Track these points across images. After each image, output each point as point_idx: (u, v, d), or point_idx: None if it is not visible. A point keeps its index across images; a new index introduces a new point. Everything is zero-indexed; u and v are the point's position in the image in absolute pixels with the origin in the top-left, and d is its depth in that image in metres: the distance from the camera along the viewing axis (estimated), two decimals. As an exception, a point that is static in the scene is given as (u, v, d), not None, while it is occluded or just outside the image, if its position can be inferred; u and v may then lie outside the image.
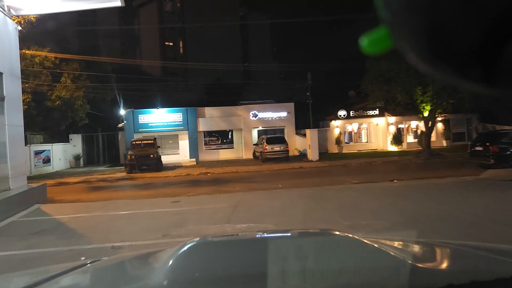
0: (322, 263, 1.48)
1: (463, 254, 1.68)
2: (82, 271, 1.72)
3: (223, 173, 20.73)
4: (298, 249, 1.71)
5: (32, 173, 23.20)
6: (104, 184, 18.39)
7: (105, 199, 13.38)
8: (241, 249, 1.79)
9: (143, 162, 21.88)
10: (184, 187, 15.98)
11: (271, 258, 1.47)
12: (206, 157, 29.39)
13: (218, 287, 1.30)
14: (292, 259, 1.53)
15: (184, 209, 9.40)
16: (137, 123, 27.52)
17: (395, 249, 1.69)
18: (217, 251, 1.77)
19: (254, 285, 1.28)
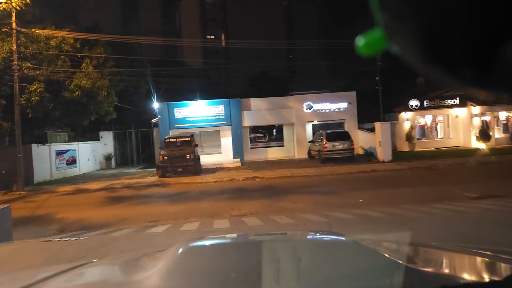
0: (316, 265, 1.47)
1: (458, 257, 1.67)
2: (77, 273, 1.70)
3: (276, 179, 16.49)
4: (293, 251, 1.70)
5: (53, 177, 20.04)
6: (128, 193, 14.66)
7: (117, 219, 9.64)
8: (236, 251, 1.75)
9: (178, 163, 18.06)
10: (226, 200, 11.88)
11: (266, 260, 1.46)
12: (252, 156, 25.28)
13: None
14: (287, 261, 1.52)
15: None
16: (172, 118, 23.85)
17: (390, 251, 1.67)
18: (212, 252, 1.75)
19: (249, 286, 1.26)
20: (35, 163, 18.68)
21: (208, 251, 1.79)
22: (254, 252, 1.67)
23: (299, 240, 2.00)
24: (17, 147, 16.33)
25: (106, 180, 18.97)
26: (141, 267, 1.70)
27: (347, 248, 1.66)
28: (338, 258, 1.55)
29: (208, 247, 1.88)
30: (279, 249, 1.74)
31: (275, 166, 20.37)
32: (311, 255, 1.62)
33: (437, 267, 1.58)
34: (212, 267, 1.47)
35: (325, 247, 1.75)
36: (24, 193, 15.87)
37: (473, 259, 1.61)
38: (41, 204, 13.12)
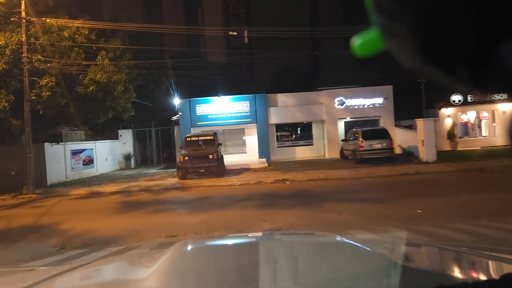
0: (313, 265, 1.47)
1: (455, 256, 1.66)
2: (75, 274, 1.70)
3: (308, 182, 14.75)
4: (289, 251, 1.71)
5: (68, 178, 18.83)
6: (144, 198, 13.18)
7: (129, 231, 8.19)
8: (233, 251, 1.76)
9: (200, 164, 16.52)
10: (255, 208, 10.22)
11: (263, 260, 1.47)
12: (278, 156, 23.58)
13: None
14: (284, 261, 1.52)
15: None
16: (194, 115, 22.36)
17: (386, 250, 1.66)
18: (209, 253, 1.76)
19: (246, 286, 1.25)
20: (49, 163, 17.48)
21: (206, 251, 1.79)
22: (251, 253, 1.66)
23: (296, 241, 1.98)
24: (27, 146, 15.11)
25: (123, 181, 17.61)
26: (139, 267, 1.70)
27: (344, 248, 1.67)
28: (335, 258, 1.56)
29: (205, 247, 1.88)
30: (276, 249, 1.73)
31: (305, 167, 18.61)
32: (308, 255, 1.60)
33: (434, 266, 1.54)
34: (209, 267, 1.46)
35: (321, 248, 1.74)
36: (34, 196, 14.62)
37: (471, 258, 1.57)
38: (48, 210, 11.78)
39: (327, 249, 1.72)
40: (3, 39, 14.69)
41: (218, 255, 1.71)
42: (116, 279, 1.64)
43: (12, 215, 11.42)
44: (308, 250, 1.71)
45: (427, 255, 1.73)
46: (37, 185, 16.51)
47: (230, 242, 2.18)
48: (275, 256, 1.60)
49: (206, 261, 1.56)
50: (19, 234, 8.68)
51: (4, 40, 14.70)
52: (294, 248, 1.78)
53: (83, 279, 1.69)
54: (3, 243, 7.89)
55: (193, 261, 1.59)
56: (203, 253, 1.77)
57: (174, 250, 1.65)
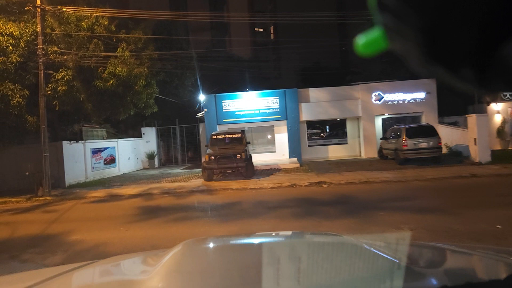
0: (316, 265, 1.46)
1: (458, 256, 1.64)
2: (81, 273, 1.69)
3: (348, 185, 13.13)
4: (292, 251, 1.69)
5: (88, 178, 17.80)
6: (166, 202, 11.87)
7: (145, 245, 6.93)
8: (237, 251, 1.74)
9: (227, 165, 15.12)
10: (292, 218, 8.72)
11: (266, 260, 1.46)
12: (309, 156, 21.99)
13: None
14: (287, 261, 1.51)
15: None
16: (220, 111, 21.01)
17: (390, 251, 1.63)
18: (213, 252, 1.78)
19: (249, 286, 1.24)
20: (67, 163, 16.46)
21: (209, 251, 1.79)
22: (254, 253, 1.66)
23: (299, 241, 1.95)
24: (42, 144, 14.07)
25: (144, 182, 16.42)
26: (142, 267, 1.70)
27: (347, 248, 1.64)
28: (338, 258, 1.54)
29: (209, 247, 1.86)
30: (279, 249, 1.71)
31: (341, 168, 16.95)
32: (311, 255, 1.59)
33: (437, 267, 1.51)
34: (213, 267, 1.46)
35: (325, 248, 1.72)
36: (50, 199, 13.57)
37: (474, 258, 1.55)
38: (60, 216, 10.62)
39: (330, 250, 1.70)
40: (18, 30, 13.68)
41: (222, 255, 1.69)
42: (120, 279, 1.63)
43: (20, 221, 10.31)
44: (312, 250, 1.70)
45: (431, 255, 1.68)
46: (54, 186, 15.53)
47: (234, 242, 2.10)
48: (278, 256, 1.58)
49: (210, 261, 1.56)
50: (19, 247, 7.48)
51: (19, 31, 13.69)
52: (297, 248, 1.75)
53: (87, 278, 1.67)
54: None
55: (197, 261, 1.57)
56: (207, 253, 1.75)
57: (177, 250, 1.61)
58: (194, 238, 2.19)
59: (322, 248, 1.74)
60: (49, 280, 1.53)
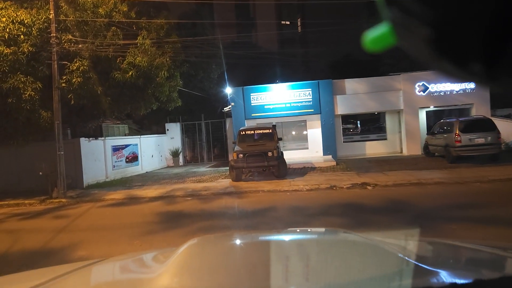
0: (325, 262, 1.45)
1: (466, 253, 1.62)
2: (87, 271, 1.68)
3: (396, 187, 11.40)
4: (301, 248, 1.69)
5: (109, 177, 16.67)
6: (190, 206, 10.48)
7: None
8: (246, 248, 1.74)
9: (257, 163, 13.61)
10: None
11: (274, 257, 1.45)
12: (344, 153, 20.23)
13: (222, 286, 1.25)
14: (295, 258, 1.51)
15: None
16: (248, 105, 19.52)
17: (399, 248, 1.63)
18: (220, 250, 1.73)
19: (258, 283, 1.23)
20: (86, 161, 15.35)
21: (218, 249, 1.74)
22: (262, 250, 1.64)
23: (307, 238, 1.93)
24: (57, 142, 12.93)
25: (168, 182, 15.13)
26: (152, 264, 1.68)
27: (356, 245, 1.62)
28: (346, 255, 1.52)
29: (217, 245, 1.81)
30: (286, 246, 1.69)
31: (383, 167, 15.17)
32: (320, 253, 1.58)
33: (446, 264, 1.48)
34: (221, 265, 1.44)
35: (333, 245, 1.71)
36: (64, 201, 12.43)
37: (483, 255, 1.52)
38: (71, 223, 9.38)
39: (338, 247, 1.68)
40: (29, 17, 12.56)
41: (230, 252, 1.67)
42: (129, 276, 1.63)
43: (26, 228, 9.13)
44: (320, 248, 1.68)
45: (440, 252, 1.65)
46: (72, 187, 14.44)
47: (242, 239, 2.03)
48: (286, 253, 1.56)
49: (218, 259, 1.53)
50: (14, 265, 6.21)
51: (30, 18, 12.56)
52: (305, 245, 1.72)
53: (95, 277, 1.64)
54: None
55: (205, 259, 1.54)
56: (215, 251, 1.70)
57: (186, 248, 1.56)
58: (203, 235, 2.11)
59: (330, 245, 1.70)
60: (59, 278, 1.50)
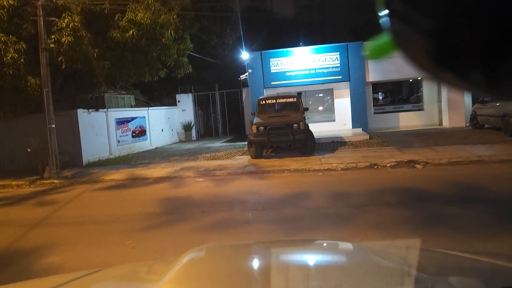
0: (326, 272, 1.46)
1: (468, 263, 1.62)
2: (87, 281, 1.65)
3: (453, 166, 9.28)
4: (301, 257, 1.69)
5: (113, 154, 14.90)
6: (201, 191, 8.58)
7: None
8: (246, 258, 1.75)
9: (281, 137, 11.59)
10: (411, 230, 5.08)
11: (275, 267, 1.46)
12: (375, 125, 18.03)
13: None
14: (296, 268, 1.50)
15: None
16: (267, 72, 17.35)
17: (400, 257, 1.62)
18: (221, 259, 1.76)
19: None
20: (85, 136, 13.55)
21: (219, 258, 1.76)
22: (263, 260, 1.63)
23: (308, 247, 1.93)
24: (46, 113, 11.08)
25: (178, 160, 13.26)
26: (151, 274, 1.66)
27: (356, 256, 1.62)
28: (347, 266, 1.53)
29: (218, 254, 1.84)
30: (288, 257, 1.69)
31: (427, 141, 12.99)
32: (320, 263, 1.57)
33: (446, 273, 1.48)
34: (222, 273, 1.44)
35: (334, 256, 1.71)
36: (57, 183, 10.69)
37: (484, 266, 1.53)
38: (54, 212, 7.58)
39: (339, 257, 1.69)
40: (9, -37, 10.51)
41: (231, 261, 1.64)
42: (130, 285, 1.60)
43: (0, 220, 7.38)
44: (321, 259, 1.67)
45: (441, 262, 1.62)
46: (70, 165, 12.74)
47: (243, 249, 2.01)
48: (287, 263, 1.56)
49: (219, 268, 1.54)
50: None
51: (10, -36, 10.51)
52: (306, 256, 1.72)
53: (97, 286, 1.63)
54: None
55: (206, 268, 1.56)
56: (216, 259, 1.72)
57: (187, 257, 1.57)
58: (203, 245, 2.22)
59: (330, 256, 1.70)
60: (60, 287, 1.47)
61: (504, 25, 0.42)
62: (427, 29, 0.46)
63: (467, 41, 0.44)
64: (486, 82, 0.47)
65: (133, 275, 1.79)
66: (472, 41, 0.44)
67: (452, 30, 0.44)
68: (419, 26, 0.46)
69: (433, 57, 0.47)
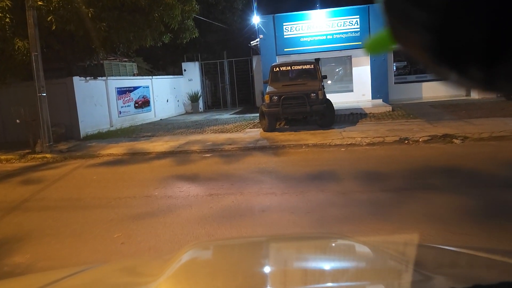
0: (323, 267, 1.45)
1: (465, 258, 1.58)
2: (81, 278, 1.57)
3: (497, 140, 8.06)
4: (299, 253, 1.66)
5: (114, 125, 13.84)
6: (208, 168, 7.49)
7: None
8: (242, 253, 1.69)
9: (297, 108, 10.38)
10: (476, 226, 3.93)
11: (272, 263, 1.46)
12: (396, 96, 16.66)
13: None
14: (293, 264, 1.48)
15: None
16: (281, 38, 15.95)
17: (397, 252, 1.56)
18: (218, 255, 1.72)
19: None
20: (82, 106, 12.45)
21: (215, 254, 1.71)
22: (261, 255, 1.62)
23: (306, 243, 1.87)
24: (36, 80, 9.95)
25: (183, 133, 12.16)
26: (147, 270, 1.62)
27: (355, 251, 1.62)
28: (345, 261, 1.53)
29: (214, 250, 1.78)
30: (284, 251, 1.66)
31: (459, 113, 11.71)
32: (318, 258, 1.57)
33: (445, 269, 1.44)
34: (220, 269, 1.42)
35: (332, 250, 1.69)
36: (49, 157, 9.67)
37: (482, 260, 1.49)
38: (38, 193, 6.57)
39: (337, 251, 1.67)
40: None
41: (228, 257, 1.61)
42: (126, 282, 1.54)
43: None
44: (319, 253, 1.64)
45: (438, 257, 1.58)
46: (66, 137, 11.72)
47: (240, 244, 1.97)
48: (285, 258, 1.53)
49: (217, 264, 1.51)
50: None
51: None
52: (304, 251, 1.65)
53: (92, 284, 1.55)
54: None
55: (203, 264, 1.53)
56: (213, 255, 1.66)
57: (184, 253, 1.47)
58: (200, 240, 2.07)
59: (329, 251, 1.67)
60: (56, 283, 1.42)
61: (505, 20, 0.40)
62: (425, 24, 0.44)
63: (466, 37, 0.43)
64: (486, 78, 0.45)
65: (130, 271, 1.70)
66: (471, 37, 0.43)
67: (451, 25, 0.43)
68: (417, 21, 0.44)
69: (431, 52, 0.45)
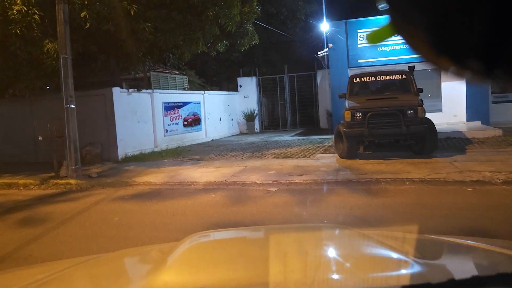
0: (323, 257, 1.46)
1: (464, 249, 1.62)
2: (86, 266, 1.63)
3: None
4: (299, 243, 1.67)
5: (158, 146, 11.96)
6: (277, 213, 5.15)
7: None
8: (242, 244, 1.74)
9: (389, 129, 7.86)
10: None
11: (273, 253, 1.45)
12: (496, 118, 13.57)
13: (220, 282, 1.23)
14: (293, 254, 1.48)
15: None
16: (354, 47, 13.56)
17: (397, 243, 1.60)
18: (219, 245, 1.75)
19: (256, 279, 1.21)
20: (123, 122, 10.66)
21: (216, 244, 1.75)
22: (262, 246, 1.64)
23: (306, 233, 1.92)
24: (63, 88, 8.16)
25: (238, 156, 9.99)
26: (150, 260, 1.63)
27: (354, 242, 1.62)
28: (345, 251, 1.54)
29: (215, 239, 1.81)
30: (284, 241, 1.67)
31: None
32: (318, 249, 1.58)
33: (444, 260, 1.49)
34: (220, 259, 1.44)
35: (332, 241, 1.71)
36: (73, 184, 7.78)
37: (481, 252, 1.51)
38: (36, 239, 4.54)
39: (337, 241, 1.69)
40: None
41: (229, 247, 1.66)
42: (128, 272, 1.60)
43: None
44: (319, 244, 1.65)
45: (438, 248, 1.61)
46: (102, 159, 9.96)
47: (241, 234, 2.02)
48: (285, 249, 1.53)
49: (217, 254, 1.54)
50: None
51: None
52: (304, 240, 1.68)
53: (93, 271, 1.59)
54: None
55: (204, 254, 1.55)
56: (214, 246, 1.72)
57: (185, 243, 1.54)
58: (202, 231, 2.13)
59: (329, 241, 1.69)
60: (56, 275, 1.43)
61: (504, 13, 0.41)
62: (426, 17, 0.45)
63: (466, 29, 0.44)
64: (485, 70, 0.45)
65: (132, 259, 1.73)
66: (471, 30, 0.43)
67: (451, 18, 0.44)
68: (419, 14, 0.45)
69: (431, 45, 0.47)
